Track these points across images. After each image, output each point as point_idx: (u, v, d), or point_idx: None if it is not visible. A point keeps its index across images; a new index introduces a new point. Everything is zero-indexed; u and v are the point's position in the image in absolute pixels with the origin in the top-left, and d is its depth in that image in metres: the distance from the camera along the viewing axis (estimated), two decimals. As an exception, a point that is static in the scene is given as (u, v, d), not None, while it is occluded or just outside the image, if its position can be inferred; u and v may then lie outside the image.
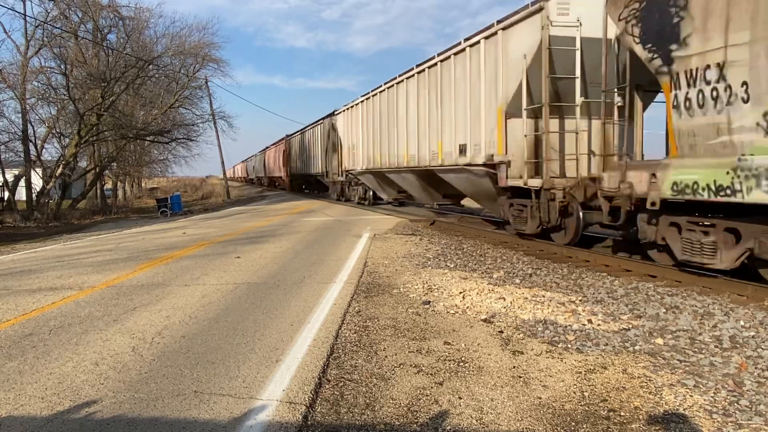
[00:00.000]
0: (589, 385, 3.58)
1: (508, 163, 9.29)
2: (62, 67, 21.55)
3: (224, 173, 41.27)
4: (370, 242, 10.77)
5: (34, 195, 21.58)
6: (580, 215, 8.29)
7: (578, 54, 8.46)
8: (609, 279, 6.77)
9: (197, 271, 8.06)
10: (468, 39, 10.81)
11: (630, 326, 4.83)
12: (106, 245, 12.34)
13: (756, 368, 3.77)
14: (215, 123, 35.59)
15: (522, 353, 4.23)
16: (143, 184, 51.35)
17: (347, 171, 21.23)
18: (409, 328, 4.92)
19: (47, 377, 3.90)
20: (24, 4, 23.13)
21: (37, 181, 22.47)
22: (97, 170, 26.25)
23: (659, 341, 4.40)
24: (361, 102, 18.62)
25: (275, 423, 3.10)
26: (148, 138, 26.92)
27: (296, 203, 26.39)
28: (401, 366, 3.98)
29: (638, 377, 3.69)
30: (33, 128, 22.22)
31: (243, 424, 3.09)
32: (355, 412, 3.25)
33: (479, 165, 10.14)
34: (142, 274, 7.99)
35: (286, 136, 37.19)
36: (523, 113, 9.03)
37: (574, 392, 3.49)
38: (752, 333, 4.49)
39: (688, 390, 3.45)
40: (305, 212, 20.16)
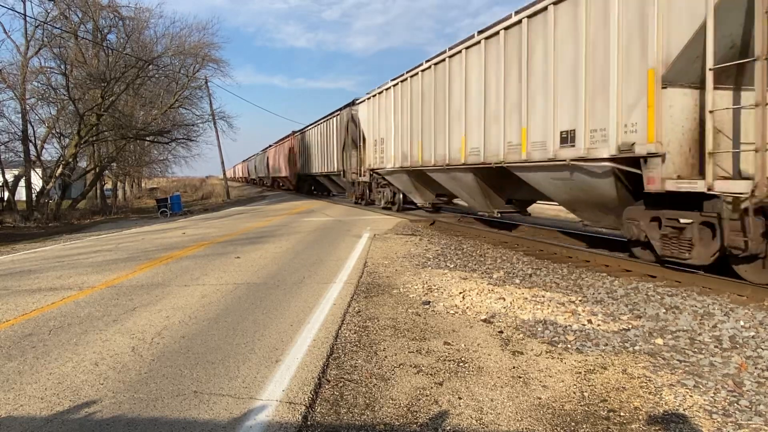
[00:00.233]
0: (589, 386, 3.58)
1: (663, 157, 6.29)
2: (62, 68, 21.58)
3: (224, 173, 41.31)
4: (370, 242, 10.77)
5: (34, 195, 21.60)
6: None
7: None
8: (609, 279, 6.77)
9: (197, 272, 8.06)
10: None
11: (630, 326, 4.83)
12: (106, 245, 12.34)
13: (756, 368, 3.77)
14: (215, 123, 35.70)
15: (522, 353, 4.23)
16: (143, 185, 51.38)
17: (372, 170, 17.92)
18: (409, 329, 4.92)
19: (47, 377, 3.91)
20: (24, 5, 23.20)
21: (37, 182, 22.48)
22: (97, 170, 26.26)
23: (659, 341, 4.41)
24: (393, 86, 15.05)
25: (275, 423, 3.10)
26: (148, 138, 26.94)
27: (296, 203, 26.39)
28: (401, 366, 3.98)
29: (638, 377, 3.69)
30: (33, 128, 22.28)
31: (243, 425, 3.09)
32: (355, 413, 3.25)
33: (601, 160, 7.19)
34: (142, 275, 7.99)
35: (293, 133, 34.43)
36: (708, 76, 5.74)
37: (574, 392, 3.49)
38: (752, 333, 4.49)
39: (688, 390, 3.45)
40: (305, 212, 20.16)
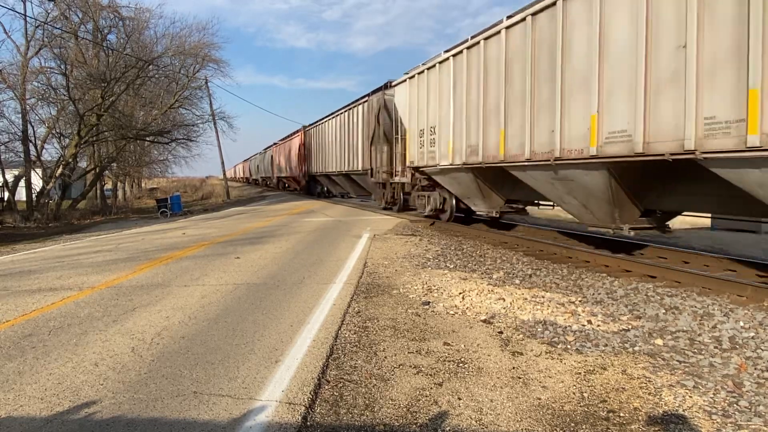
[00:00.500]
0: (589, 386, 3.58)
1: None
2: (62, 68, 21.58)
3: (224, 174, 41.31)
4: (370, 243, 10.77)
5: (34, 195, 21.61)
6: None
7: None
8: (609, 279, 6.77)
9: (197, 272, 8.06)
10: None
11: (629, 327, 4.83)
12: (106, 246, 12.34)
13: (755, 369, 3.77)
14: (215, 123, 35.71)
15: (521, 354, 4.23)
16: (143, 185, 51.38)
17: (415, 168, 14.28)
18: (409, 329, 4.92)
19: (47, 378, 3.91)
20: (24, 5, 23.15)
21: (37, 182, 22.49)
22: (97, 170, 26.26)
23: (659, 342, 4.41)
24: (452, 57, 11.24)
25: (274, 424, 3.10)
26: (148, 138, 26.95)
27: (296, 203, 26.39)
28: (401, 367, 3.98)
29: (638, 378, 3.69)
30: (33, 128, 22.28)
31: (242, 425, 3.09)
32: (355, 413, 3.25)
33: None
34: (142, 275, 7.99)
35: (303, 128, 31.08)
36: None
37: (574, 393, 3.49)
38: (752, 334, 4.49)
39: (688, 391, 3.46)
40: (305, 212, 20.16)
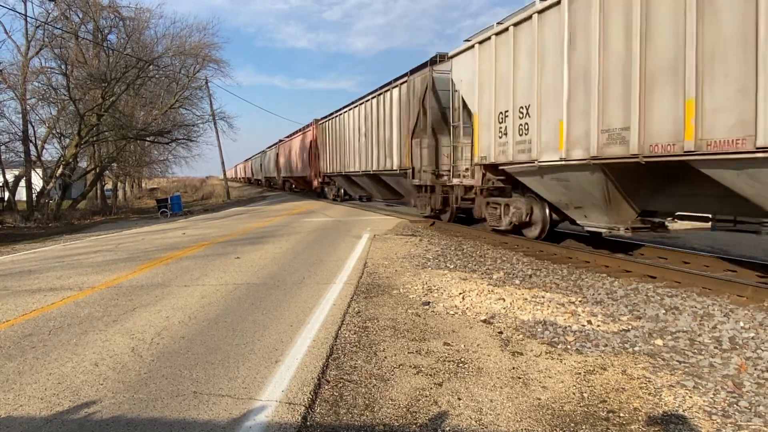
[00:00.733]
0: (589, 386, 3.58)
1: None
2: (63, 68, 21.58)
3: (224, 174, 41.32)
4: (370, 243, 10.77)
5: (34, 195, 21.61)
6: None
7: None
8: (609, 280, 6.76)
9: (197, 272, 8.06)
10: None
11: (630, 327, 4.83)
12: (106, 246, 12.34)
13: (755, 369, 3.77)
14: (215, 123, 35.72)
15: (521, 354, 4.23)
16: (143, 185, 51.39)
17: (490, 166, 10.50)
18: (409, 329, 4.92)
19: (47, 378, 3.91)
20: (25, 5, 23.05)
21: (38, 182, 22.50)
22: (98, 171, 26.27)
23: (659, 342, 4.40)
24: (553, 5, 7.88)
25: (274, 424, 3.10)
26: (149, 138, 26.95)
27: (296, 204, 26.39)
28: (401, 367, 3.98)
29: (638, 378, 3.69)
30: (33, 128, 22.30)
31: (242, 425, 3.09)
32: (355, 413, 3.25)
33: None
34: (142, 275, 7.99)
35: (315, 122, 27.62)
36: None
37: (574, 393, 3.49)
38: (752, 334, 4.49)
39: (688, 391, 3.45)
40: (305, 213, 20.16)
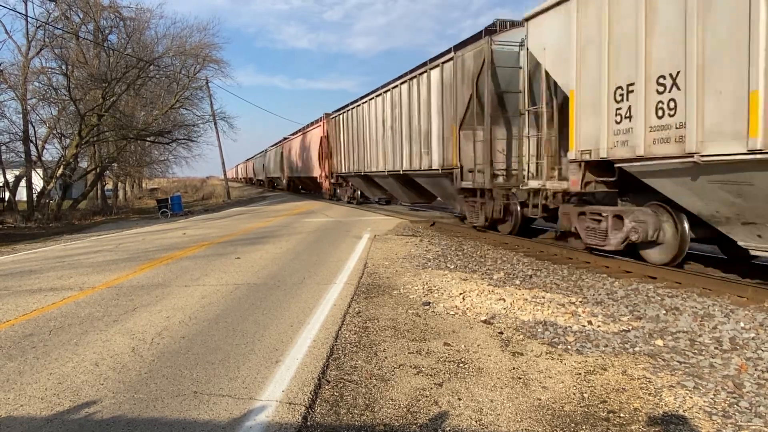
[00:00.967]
0: (589, 387, 3.58)
1: None
2: (63, 68, 21.61)
3: (225, 174, 41.33)
4: (371, 243, 10.77)
5: (35, 195, 21.63)
6: None
7: None
8: (609, 280, 6.76)
9: (197, 272, 8.06)
10: None
11: (630, 327, 4.83)
12: (107, 246, 12.34)
13: (756, 370, 3.77)
14: (216, 124, 35.74)
15: (522, 354, 4.23)
16: (144, 185, 51.40)
17: (595, 162, 7.32)
18: (409, 329, 4.92)
19: (47, 377, 3.91)
20: (25, 5, 23.18)
21: (38, 182, 22.53)
22: (98, 171, 26.28)
23: (659, 343, 4.40)
24: None
25: (275, 424, 3.10)
26: (149, 139, 26.97)
27: (296, 204, 26.40)
28: (401, 367, 3.98)
29: (638, 379, 3.69)
30: (34, 129, 22.35)
31: (242, 425, 3.09)
32: (355, 413, 3.25)
33: None
34: (143, 275, 7.99)
35: (326, 116, 25.43)
36: None
37: (574, 393, 3.49)
38: (752, 334, 4.49)
39: (688, 391, 3.45)
40: (305, 213, 20.16)
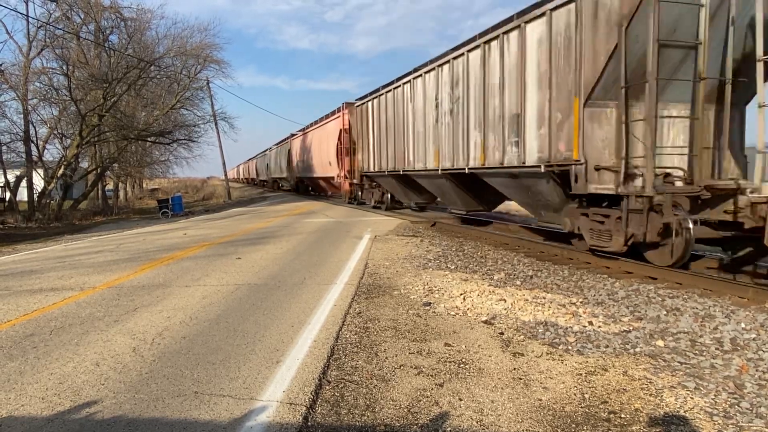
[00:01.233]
0: (590, 387, 3.58)
1: None
2: (64, 68, 21.63)
3: (225, 174, 41.33)
4: (371, 244, 10.77)
5: (36, 195, 21.64)
6: None
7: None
8: (610, 281, 6.76)
9: (198, 272, 8.07)
10: None
11: (631, 328, 4.82)
12: (108, 246, 12.35)
13: (757, 370, 3.77)
14: (216, 124, 35.71)
15: (522, 355, 4.23)
16: (144, 185, 51.43)
17: None
18: (410, 330, 4.92)
19: (48, 377, 3.91)
20: (26, 6, 23.14)
21: (39, 182, 22.54)
22: (99, 171, 26.30)
23: (660, 343, 4.40)
24: None
25: (275, 424, 3.10)
26: (150, 139, 26.99)
27: (297, 204, 26.40)
28: (402, 367, 3.98)
29: (639, 379, 3.69)
30: (35, 129, 22.38)
31: (243, 425, 3.09)
32: (356, 413, 3.25)
33: None
34: (143, 275, 7.99)
35: (347, 105, 21.05)
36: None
37: (575, 394, 3.48)
38: (753, 335, 4.48)
39: (689, 392, 3.45)
40: (306, 213, 20.16)
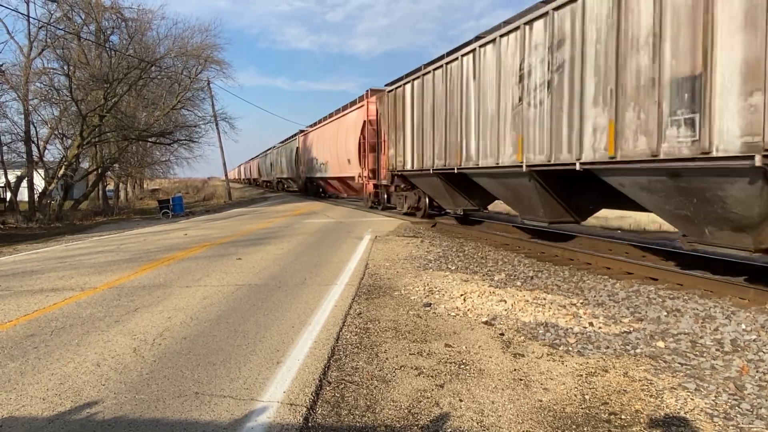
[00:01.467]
0: (590, 388, 3.58)
1: None
2: (65, 69, 21.65)
3: (226, 175, 41.34)
4: (372, 244, 10.77)
5: (36, 196, 21.66)
6: None
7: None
8: (610, 282, 6.76)
9: (199, 273, 8.07)
10: None
11: (631, 329, 4.82)
12: (108, 246, 12.35)
13: (757, 372, 3.77)
14: (217, 124, 35.75)
15: (523, 356, 4.23)
16: (145, 186, 51.41)
17: None
18: (410, 330, 4.92)
19: (48, 378, 3.91)
20: (27, 6, 23.03)
21: (40, 182, 22.55)
22: (99, 171, 26.32)
23: (660, 344, 4.40)
24: None
25: (276, 424, 3.10)
26: (150, 139, 26.99)
27: (297, 205, 26.40)
28: (402, 368, 3.98)
29: (639, 380, 3.69)
30: (35, 129, 22.38)
31: (244, 426, 3.09)
32: (356, 414, 3.25)
33: None
34: (144, 276, 8.00)
35: (371, 93, 18.06)
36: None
37: (575, 395, 3.48)
38: (753, 336, 4.48)
39: (689, 393, 3.45)
40: (307, 214, 20.16)
